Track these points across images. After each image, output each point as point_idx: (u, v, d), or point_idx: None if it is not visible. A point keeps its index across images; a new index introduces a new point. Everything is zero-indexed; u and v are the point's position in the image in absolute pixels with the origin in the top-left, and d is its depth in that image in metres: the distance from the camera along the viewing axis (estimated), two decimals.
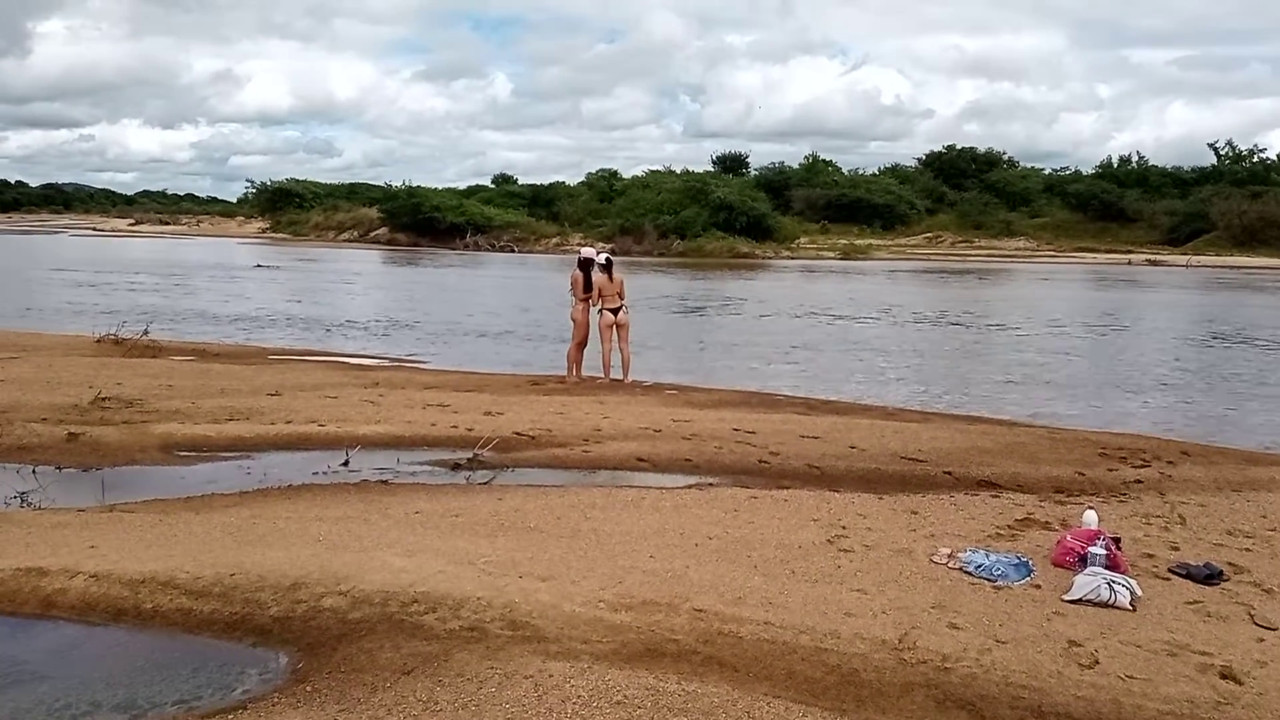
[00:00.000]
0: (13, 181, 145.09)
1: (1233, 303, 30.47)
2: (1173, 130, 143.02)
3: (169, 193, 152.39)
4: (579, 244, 48.04)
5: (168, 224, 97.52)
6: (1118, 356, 17.42)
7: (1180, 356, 17.46)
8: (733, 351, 17.02)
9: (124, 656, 4.42)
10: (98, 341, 14.71)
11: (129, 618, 4.70)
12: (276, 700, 3.93)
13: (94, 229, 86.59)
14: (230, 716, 3.82)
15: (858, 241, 61.63)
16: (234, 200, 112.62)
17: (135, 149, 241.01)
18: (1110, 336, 20.80)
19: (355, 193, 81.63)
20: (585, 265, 12.82)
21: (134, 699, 4.02)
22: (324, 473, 7.71)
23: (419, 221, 62.73)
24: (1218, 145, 73.62)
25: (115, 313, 17.96)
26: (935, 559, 5.69)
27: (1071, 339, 19.95)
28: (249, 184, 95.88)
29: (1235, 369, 15.94)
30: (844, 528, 6.27)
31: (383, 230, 66.00)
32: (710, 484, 7.61)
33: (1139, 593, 5.19)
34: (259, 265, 39.96)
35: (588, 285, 12.70)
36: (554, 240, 59.38)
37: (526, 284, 34.24)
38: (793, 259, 53.50)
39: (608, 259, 12.96)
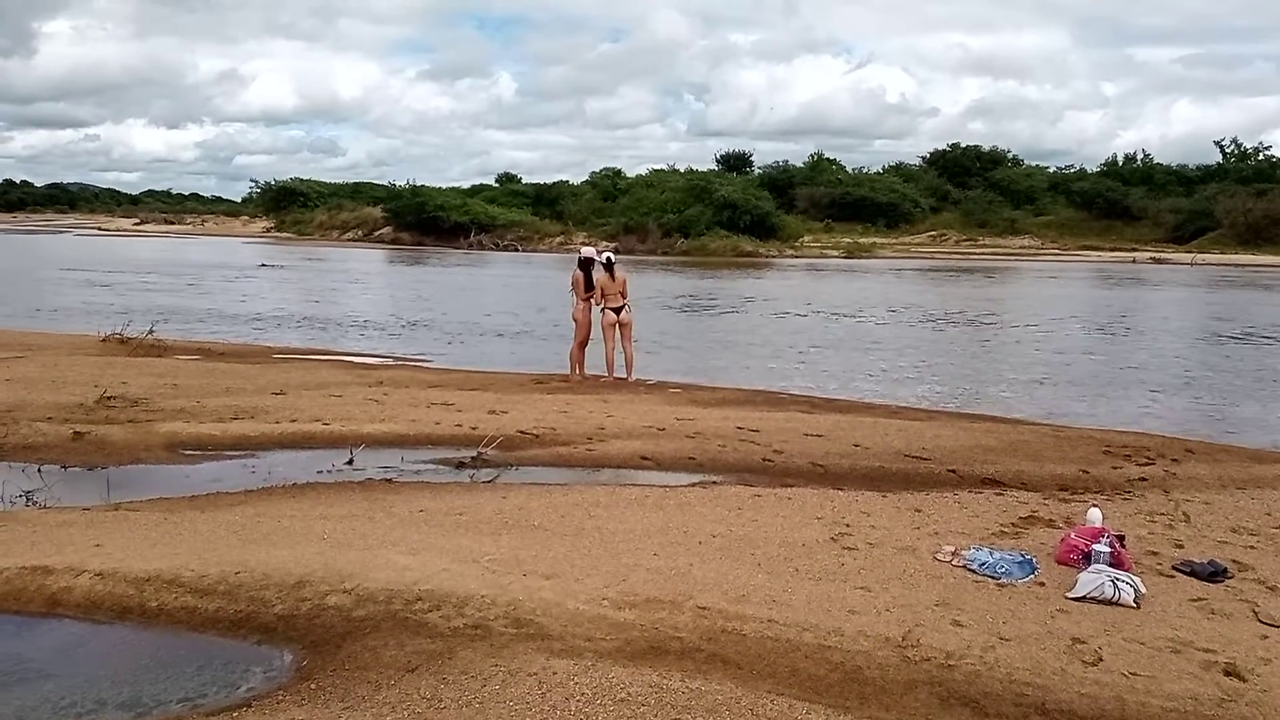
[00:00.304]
0: (18, 181, 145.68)
1: (1239, 301, 30.40)
2: (1178, 128, 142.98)
3: (174, 192, 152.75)
4: (582, 243, 47.94)
5: (172, 224, 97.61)
6: (1126, 355, 17.39)
7: (1189, 355, 17.42)
8: (738, 350, 17.01)
9: (129, 654, 4.43)
10: (103, 341, 14.74)
11: (134, 616, 4.71)
12: (281, 698, 3.94)
13: (99, 229, 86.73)
14: (235, 714, 3.83)
15: (862, 240, 61.53)
16: (239, 200, 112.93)
17: (140, 149, 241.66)
18: (1118, 334, 20.76)
19: (359, 192, 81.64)
20: (586, 265, 12.82)
21: (139, 697, 4.03)
22: (328, 471, 7.72)
23: (423, 221, 62.72)
24: (1223, 143, 73.54)
25: (131, 313, 18.02)
26: (939, 557, 5.67)
27: (1080, 337, 19.91)
28: (253, 183, 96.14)
29: (1243, 367, 15.90)
30: (848, 526, 6.25)
31: (387, 229, 66.03)
32: (714, 482, 7.60)
33: (1143, 590, 5.19)
34: (264, 265, 40.01)
35: (589, 284, 12.71)
36: (558, 239, 59.33)
37: (536, 283, 34.20)
38: (797, 258, 53.43)
39: (609, 258, 12.94)
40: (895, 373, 14.63)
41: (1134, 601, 5.07)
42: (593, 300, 12.69)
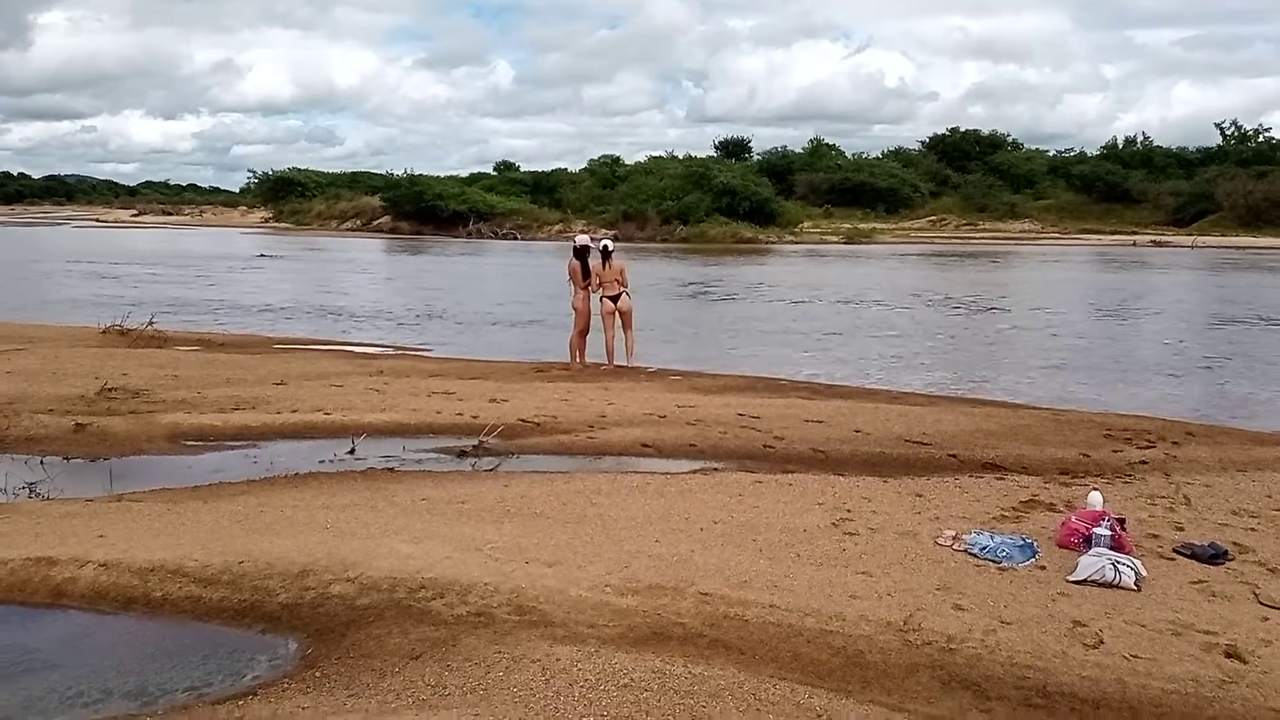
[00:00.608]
0: (15, 174, 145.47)
1: (1247, 283, 30.35)
2: (1178, 110, 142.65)
3: (171, 183, 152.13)
4: (579, 231, 47.78)
5: (170, 214, 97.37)
6: (1141, 339, 17.37)
7: (1202, 339, 17.37)
8: (749, 337, 16.98)
9: (134, 644, 4.45)
10: (103, 332, 14.75)
11: (139, 606, 4.73)
12: (286, 686, 3.97)
13: (97, 220, 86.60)
14: (241, 703, 3.85)
15: (861, 225, 61.42)
16: (236, 190, 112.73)
17: (137, 140, 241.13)
18: (1130, 319, 20.73)
19: (357, 181, 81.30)
20: (582, 253, 12.78)
21: (145, 686, 4.05)
22: (330, 461, 7.73)
23: (421, 210, 62.61)
24: (1223, 125, 73.27)
25: (143, 304, 18.06)
26: (940, 541, 5.68)
27: (1092, 322, 19.88)
28: (251, 174, 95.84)
29: (1257, 351, 15.88)
30: (849, 511, 6.25)
31: (385, 219, 65.89)
32: (715, 469, 7.59)
33: (1144, 573, 5.21)
34: (262, 255, 39.91)
35: (586, 273, 12.70)
36: (556, 227, 59.19)
37: (539, 271, 34.06)
38: (796, 243, 53.28)
39: (606, 246, 12.91)
40: (908, 358, 14.58)
41: (1135, 584, 5.09)
42: (591, 288, 12.69)
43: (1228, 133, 72.35)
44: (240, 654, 4.32)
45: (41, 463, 7.53)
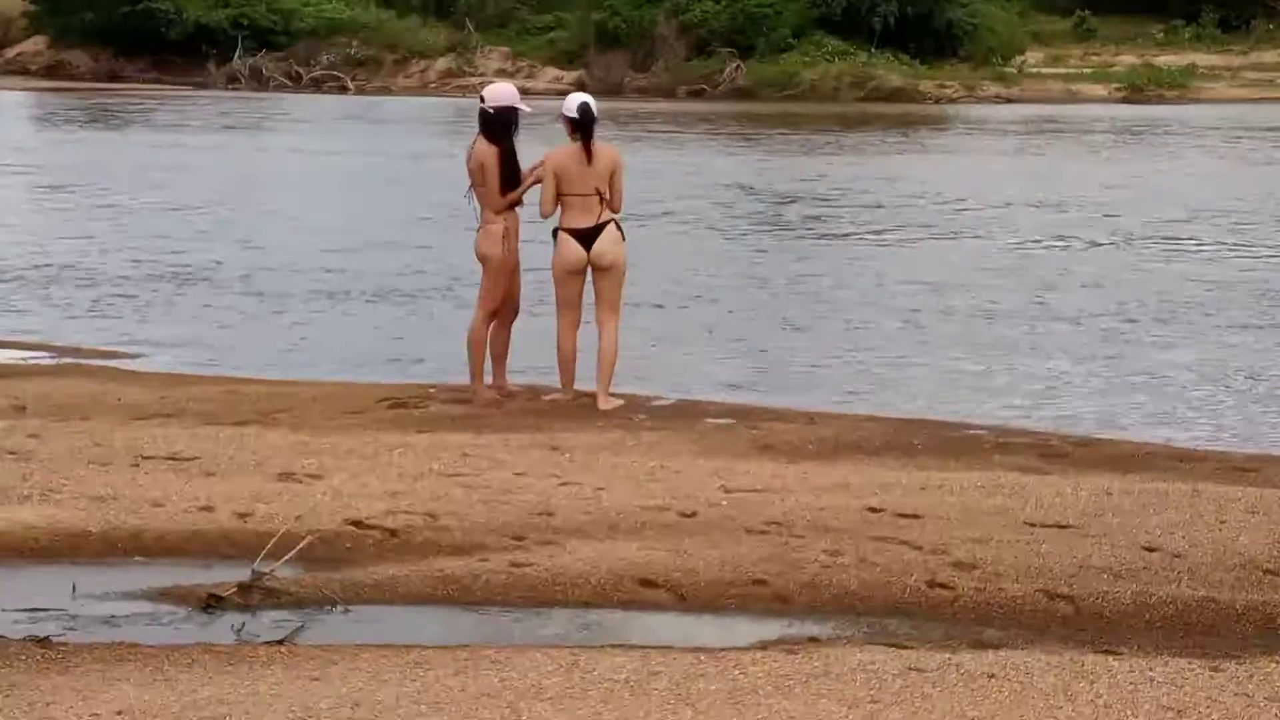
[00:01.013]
0: None
1: None
2: None
3: None
4: (496, 75, 26.83)
5: None
6: None
7: None
8: (879, 324, 9.63)
9: None
10: None
11: None
12: None
13: None
14: None
15: (1161, 60, 32.84)
16: None
17: None
18: None
19: None
20: (500, 127, 6.74)
21: None
22: None
23: (120, 25, 34.90)
24: None
25: None
26: None
27: None
28: None
29: None
30: None
31: (33, 43, 37.47)
32: (813, 640, 4.18)
33: None
34: None
35: (510, 171, 6.70)
36: (440, 64, 33.77)
37: (405, 169, 19.45)
38: (1008, 101, 29.41)
39: (585, 106, 7.01)
40: (1242, 374, 8.19)
41: None
42: (543, 206, 6.82)
43: None
44: None
45: None
